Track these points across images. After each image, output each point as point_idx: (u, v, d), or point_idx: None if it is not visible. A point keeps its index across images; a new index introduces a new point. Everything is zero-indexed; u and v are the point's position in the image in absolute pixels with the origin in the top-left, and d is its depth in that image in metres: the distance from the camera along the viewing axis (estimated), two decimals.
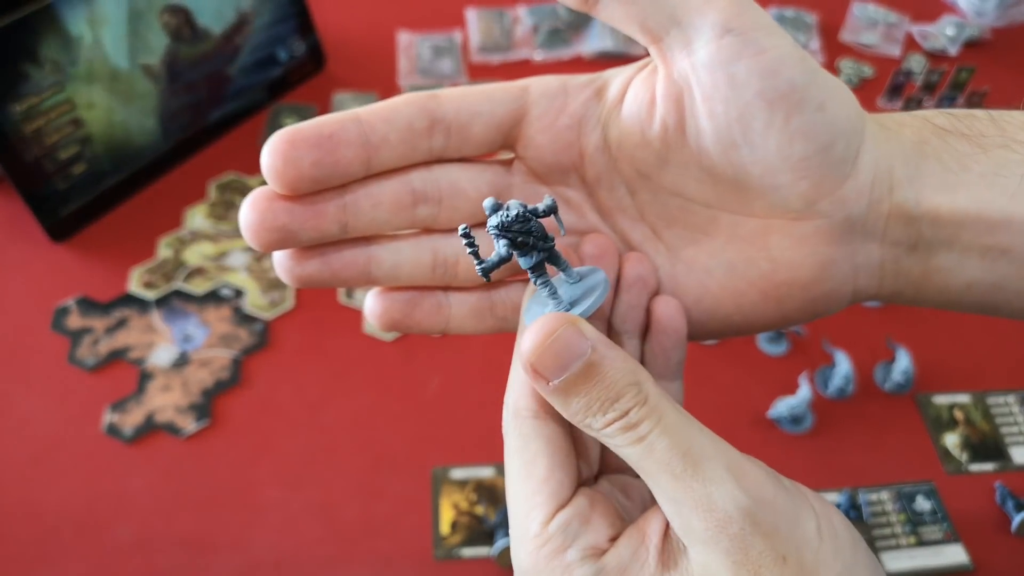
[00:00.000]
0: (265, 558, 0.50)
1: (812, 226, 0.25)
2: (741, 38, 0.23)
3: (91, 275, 0.64)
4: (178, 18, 0.69)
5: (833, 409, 0.58)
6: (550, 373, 0.22)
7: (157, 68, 0.69)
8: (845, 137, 0.24)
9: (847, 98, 0.25)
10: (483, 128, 0.26)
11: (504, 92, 0.26)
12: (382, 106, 0.25)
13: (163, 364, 0.59)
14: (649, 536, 0.23)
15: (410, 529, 0.51)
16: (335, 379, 0.59)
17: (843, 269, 0.26)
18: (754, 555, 0.20)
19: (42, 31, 0.60)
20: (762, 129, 0.24)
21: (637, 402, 0.22)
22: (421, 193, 0.26)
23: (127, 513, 0.51)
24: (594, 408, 0.22)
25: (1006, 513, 0.53)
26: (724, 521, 0.21)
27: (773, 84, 0.24)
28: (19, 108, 0.60)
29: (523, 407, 0.24)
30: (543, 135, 0.26)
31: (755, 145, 0.24)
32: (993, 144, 0.25)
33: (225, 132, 0.76)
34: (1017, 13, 0.92)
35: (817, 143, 0.24)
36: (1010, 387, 0.61)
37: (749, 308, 0.27)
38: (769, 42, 0.24)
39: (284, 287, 0.64)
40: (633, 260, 0.27)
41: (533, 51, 0.85)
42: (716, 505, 0.21)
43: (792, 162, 0.24)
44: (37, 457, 0.54)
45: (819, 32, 0.88)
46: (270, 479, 0.53)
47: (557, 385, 0.22)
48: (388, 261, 0.26)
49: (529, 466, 0.24)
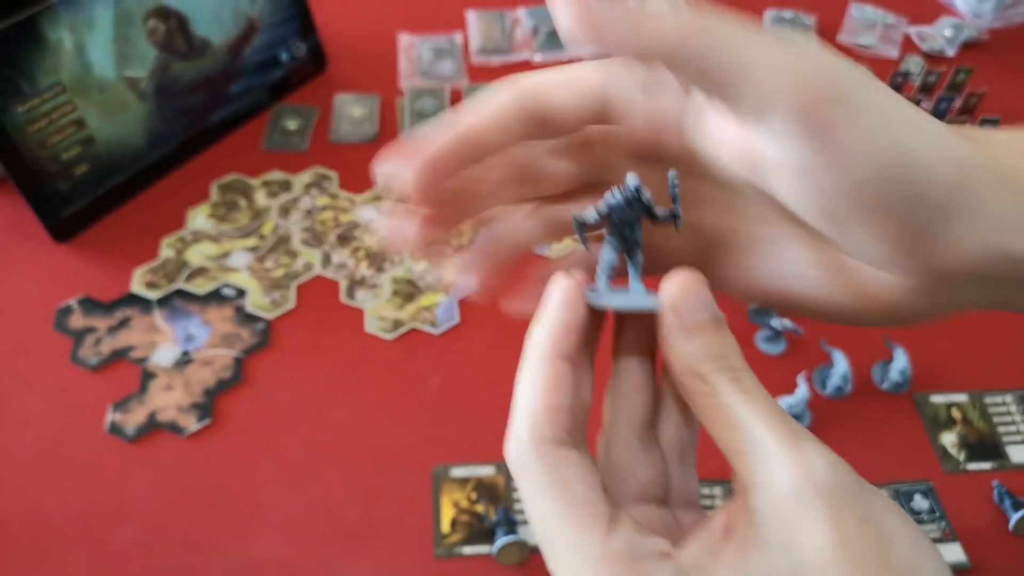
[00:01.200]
0: (266, 556, 0.50)
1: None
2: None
3: (93, 275, 0.65)
4: (168, 25, 0.65)
5: (831, 408, 0.59)
6: (687, 312, 0.23)
7: (144, 83, 0.66)
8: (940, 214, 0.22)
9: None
10: (576, 117, 0.26)
11: (588, 80, 0.26)
12: (491, 117, 0.26)
13: (165, 364, 0.59)
14: (713, 532, 0.22)
15: (411, 527, 0.52)
16: (336, 378, 0.59)
17: (939, 307, 0.26)
18: (837, 508, 0.20)
19: (24, 38, 0.60)
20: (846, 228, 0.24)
21: (744, 368, 0.23)
22: (522, 175, 0.28)
23: (129, 512, 0.52)
24: (711, 355, 0.23)
25: (1003, 512, 0.53)
26: (811, 470, 0.21)
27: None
28: (21, 109, 0.61)
29: (547, 435, 0.23)
30: (628, 116, 0.27)
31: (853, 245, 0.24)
32: None
33: (226, 133, 0.77)
34: (1015, 14, 0.92)
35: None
36: (1007, 386, 0.61)
37: (838, 301, 0.27)
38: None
39: (285, 287, 0.64)
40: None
41: (533, 53, 0.85)
42: (804, 454, 0.21)
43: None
44: (39, 456, 0.54)
45: (817, 34, 0.89)
46: (272, 478, 0.54)
47: (691, 323, 0.23)
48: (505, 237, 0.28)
49: (566, 492, 0.22)
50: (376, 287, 0.65)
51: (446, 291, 0.25)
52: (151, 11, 0.66)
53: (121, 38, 0.64)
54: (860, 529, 0.20)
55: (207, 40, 0.70)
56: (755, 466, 0.22)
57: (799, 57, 0.21)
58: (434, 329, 0.62)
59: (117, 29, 0.64)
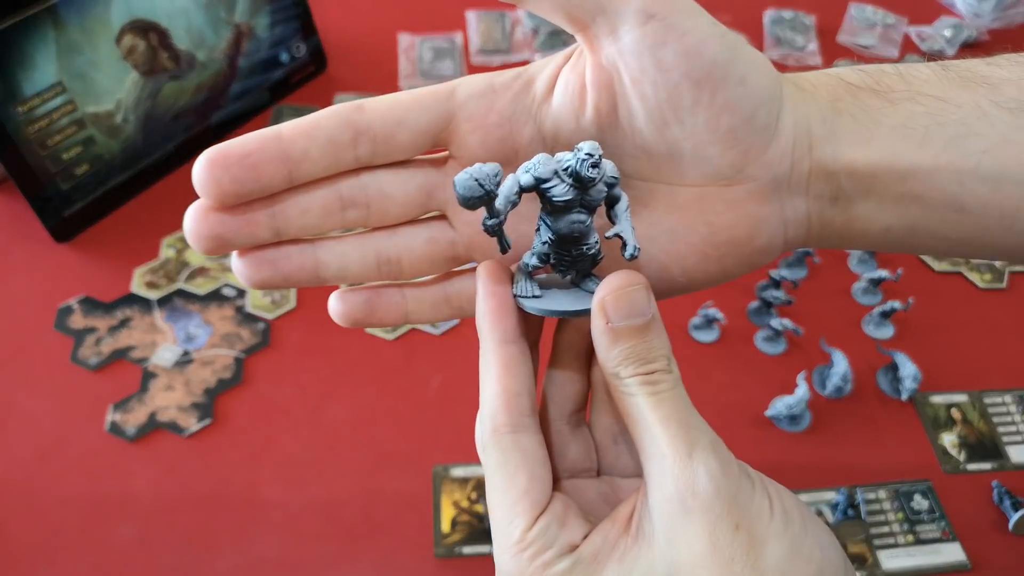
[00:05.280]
0: (267, 556, 0.50)
1: (743, 190, 0.27)
2: (664, 23, 0.25)
3: (94, 275, 0.65)
4: (148, 40, 0.59)
5: (831, 408, 0.59)
6: (615, 316, 0.24)
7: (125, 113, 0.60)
8: (766, 105, 0.26)
9: (765, 68, 0.27)
10: (410, 135, 0.27)
11: (432, 96, 0.27)
12: (305, 121, 0.26)
13: (166, 363, 0.59)
14: (618, 521, 0.25)
15: (411, 527, 0.52)
16: (336, 378, 0.59)
17: (774, 224, 0.28)
18: (711, 519, 0.23)
19: (24, 38, 0.61)
20: (691, 107, 0.26)
21: (664, 370, 0.25)
22: (349, 199, 0.27)
23: (130, 511, 0.52)
24: (632, 359, 0.24)
25: (1003, 512, 0.53)
26: (694, 480, 0.23)
27: (698, 64, 0.25)
28: (22, 109, 0.61)
29: (502, 423, 0.26)
30: (474, 135, 0.27)
31: (685, 122, 0.26)
32: (901, 98, 0.27)
33: (227, 133, 0.77)
34: (1014, 14, 0.92)
35: (742, 115, 0.26)
36: (1007, 387, 0.61)
37: (692, 268, 0.29)
38: (690, 24, 0.25)
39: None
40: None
41: (533, 53, 0.86)
42: (693, 464, 0.23)
43: (720, 134, 0.26)
44: (40, 456, 0.54)
45: (817, 34, 0.89)
46: (272, 477, 0.54)
47: (614, 327, 0.24)
48: (334, 263, 0.28)
49: (511, 479, 0.25)
50: None
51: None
52: (125, 27, 0.61)
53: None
54: (732, 536, 0.23)
55: (191, 54, 0.69)
56: (651, 466, 0.24)
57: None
58: (434, 329, 0.62)
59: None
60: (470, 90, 0.27)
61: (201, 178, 0.25)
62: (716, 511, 0.23)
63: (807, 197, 0.28)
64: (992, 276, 0.69)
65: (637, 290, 0.25)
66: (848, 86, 0.28)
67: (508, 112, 0.27)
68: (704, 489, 0.23)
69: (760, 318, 0.64)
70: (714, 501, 0.23)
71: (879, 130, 0.27)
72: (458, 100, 0.27)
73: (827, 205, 0.28)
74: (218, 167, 0.25)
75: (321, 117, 0.26)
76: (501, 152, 0.28)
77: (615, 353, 0.25)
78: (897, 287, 0.67)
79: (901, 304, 0.62)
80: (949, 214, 0.27)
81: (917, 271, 0.69)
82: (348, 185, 0.27)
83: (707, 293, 0.66)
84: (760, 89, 0.26)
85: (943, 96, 0.27)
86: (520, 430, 0.26)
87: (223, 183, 0.25)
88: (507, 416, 0.26)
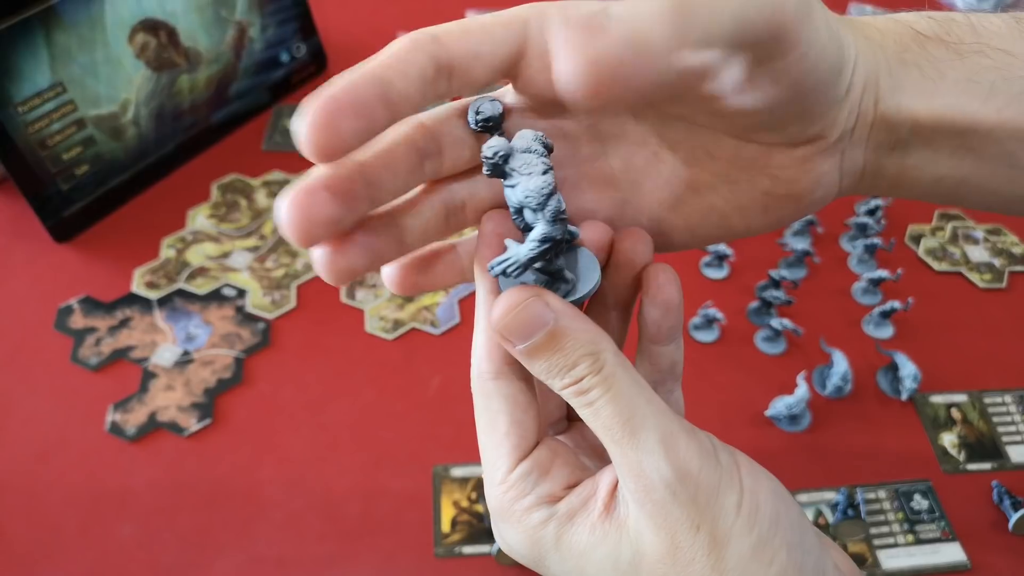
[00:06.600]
0: (267, 555, 0.50)
1: (811, 147, 0.27)
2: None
3: (94, 275, 0.65)
4: (159, 38, 0.60)
5: (831, 408, 0.59)
6: (516, 339, 0.24)
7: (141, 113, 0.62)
8: (845, 76, 0.26)
9: (836, 38, 0.25)
10: (484, 70, 0.24)
11: (504, 29, 0.24)
12: (393, 59, 0.23)
13: (166, 363, 0.59)
14: (600, 488, 0.25)
15: (411, 527, 0.52)
16: (336, 378, 0.59)
17: (833, 177, 0.28)
18: (671, 521, 0.23)
19: (24, 38, 0.61)
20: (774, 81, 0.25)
21: (591, 371, 0.24)
22: (424, 150, 0.25)
23: (130, 511, 0.52)
24: (554, 372, 0.24)
25: (1003, 512, 0.53)
26: (648, 487, 0.23)
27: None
28: (22, 109, 0.61)
29: (484, 370, 0.26)
30: (543, 74, 0.24)
31: (768, 94, 0.24)
32: (970, 50, 0.27)
33: (227, 134, 0.77)
34: None
35: (823, 89, 0.25)
36: (1007, 387, 0.61)
37: (751, 218, 0.29)
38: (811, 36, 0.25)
39: (286, 287, 0.64)
40: (628, 239, 0.28)
41: None
42: (644, 472, 0.23)
43: (797, 106, 0.25)
44: (40, 456, 0.54)
45: None
46: (272, 477, 0.54)
47: (522, 349, 0.24)
48: (415, 225, 0.27)
49: (492, 423, 0.26)
50: (376, 287, 0.65)
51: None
52: (137, 25, 0.62)
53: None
54: (693, 538, 0.23)
55: (198, 51, 0.69)
56: (614, 467, 0.24)
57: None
58: (434, 329, 0.62)
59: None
60: (541, 23, 0.24)
61: (316, 125, 0.21)
62: (675, 515, 0.23)
63: (866, 147, 0.28)
64: (992, 276, 0.69)
65: (526, 307, 0.24)
66: (916, 35, 0.27)
67: None
68: (659, 495, 0.23)
69: (760, 318, 0.64)
70: (671, 506, 0.23)
71: (944, 83, 0.26)
72: (531, 33, 0.24)
73: (884, 155, 0.28)
74: (338, 117, 0.22)
75: (406, 52, 0.23)
76: None
77: (536, 370, 0.25)
78: (897, 287, 0.67)
79: (901, 304, 0.62)
80: (1002, 169, 0.27)
81: (917, 271, 0.69)
82: (422, 136, 0.25)
83: (707, 293, 0.66)
84: (839, 61, 0.25)
85: (1012, 51, 0.27)
86: (501, 376, 0.26)
87: (346, 137, 0.22)
88: (489, 363, 0.26)
